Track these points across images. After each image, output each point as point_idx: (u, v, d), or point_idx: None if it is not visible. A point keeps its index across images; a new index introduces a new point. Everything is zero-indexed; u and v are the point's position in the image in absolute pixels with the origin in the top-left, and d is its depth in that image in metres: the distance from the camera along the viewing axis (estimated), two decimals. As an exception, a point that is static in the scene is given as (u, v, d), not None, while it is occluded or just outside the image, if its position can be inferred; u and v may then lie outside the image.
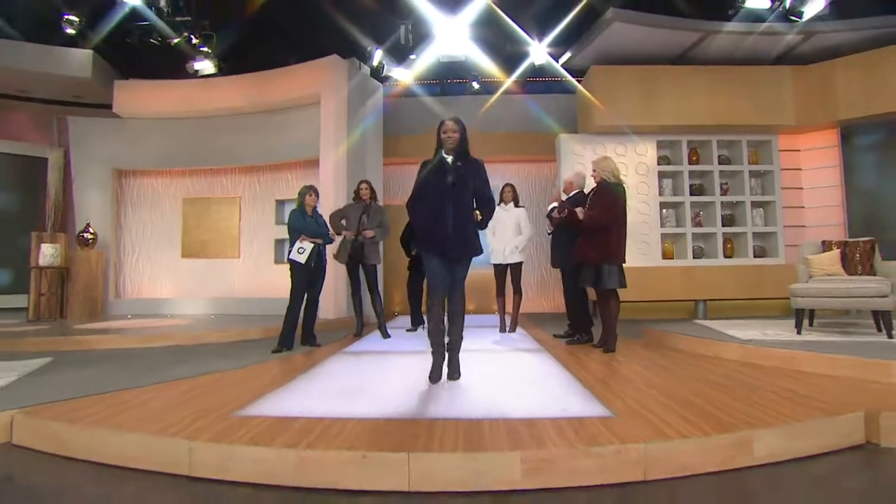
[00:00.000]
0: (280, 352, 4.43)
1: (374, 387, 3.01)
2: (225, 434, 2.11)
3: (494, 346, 4.69)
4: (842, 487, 1.91)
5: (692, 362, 3.66)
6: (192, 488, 1.93)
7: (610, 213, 4.01)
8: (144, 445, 2.08)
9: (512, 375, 3.29)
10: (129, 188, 8.25)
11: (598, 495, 1.82)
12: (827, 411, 2.27)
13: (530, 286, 8.60)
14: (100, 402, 2.65)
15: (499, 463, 1.84)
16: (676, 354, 4.03)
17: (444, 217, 2.95)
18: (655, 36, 6.42)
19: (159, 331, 5.45)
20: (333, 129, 7.00)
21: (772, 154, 6.98)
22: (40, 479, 2.04)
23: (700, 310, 6.81)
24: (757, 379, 3.02)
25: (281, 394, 2.85)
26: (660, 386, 2.89)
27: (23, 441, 2.31)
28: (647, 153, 7.11)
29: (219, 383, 3.17)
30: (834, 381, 2.93)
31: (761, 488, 1.90)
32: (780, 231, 6.88)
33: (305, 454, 1.91)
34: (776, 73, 6.75)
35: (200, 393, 2.89)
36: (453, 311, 3.10)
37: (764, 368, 3.33)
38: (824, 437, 2.14)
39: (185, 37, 6.55)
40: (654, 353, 4.13)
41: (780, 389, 2.73)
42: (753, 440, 2.03)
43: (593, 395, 2.69)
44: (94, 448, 2.14)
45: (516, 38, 7.49)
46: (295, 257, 4.62)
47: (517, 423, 2.21)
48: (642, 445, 1.92)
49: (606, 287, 4.02)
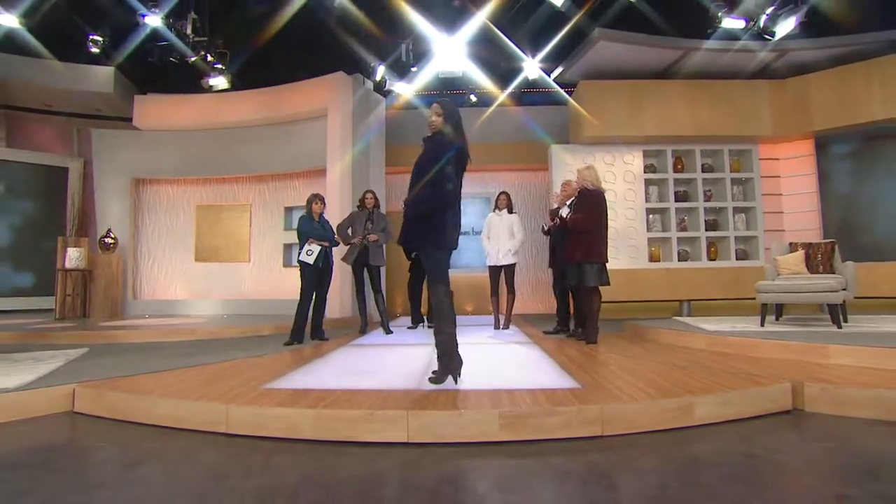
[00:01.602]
0: (291, 344, 4.85)
1: (378, 370, 3.43)
2: (255, 400, 2.54)
3: (488, 339, 5.09)
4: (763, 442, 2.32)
5: (662, 350, 4.07)
6: (230, 442, 2.36)
7: (591, 218, 4.43)
8: (189, 409, 2.51)
9: (501, 361, 3.71)
10: (147, 196, 8.72)
11: (563, 446, 2.24)
12: (761, 383, 2.69)
13: (525, 288, 9.00)
14: (144, 378, 3.09)
15: (480, 418, 2.27)
16: (651, 345, 4.44)
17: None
18: (639, 53, 6.88)
19: (180, 326, 5.88)
20: (339, 141, 7.46)
21: (752, 162, 7.40)
22: (104, 438, 2.47)
23: (685, 309, 7.20)
24: (715, 362, 3.44)
25: (297, 374, 3.28)
26: (626, 367, 3.31)
27: (84, 409, 2.75)
28: (634, 162, 7.53)
29: (240, 367, 3.59)
30: (781, 363, 3.35)
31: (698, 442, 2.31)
32: (760, 235, 7.29)
33: (323, 412, 2.34)
34: (754, 87, 7.21)
35: (227, 374, 3.31)
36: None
37: (725, 355, 3.75)
38: (754, 403, 2.55)
39: (201, 55, 7.04)
40: (632, 344, 4.55)
41: (732, 369, 3.15)
42: (694, 405, 2.45)
43: (567, 372, 3.12)
44: (146, 412, 2.57)
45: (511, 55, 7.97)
46: (304, 258, 5.06)
47: (500, 392, 2.64)
48: (599, 406, 2.34)
49: (588, 284, 4.44)
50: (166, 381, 3.07)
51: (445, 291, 2.83)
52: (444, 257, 2.88)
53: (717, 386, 2.65)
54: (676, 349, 4.15)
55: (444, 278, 2.86)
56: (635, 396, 2.49)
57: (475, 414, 2.28)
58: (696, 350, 4.05)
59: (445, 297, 2.83)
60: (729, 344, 3.88)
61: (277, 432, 2.36)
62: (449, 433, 2.26)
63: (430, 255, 2.87)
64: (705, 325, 4.69)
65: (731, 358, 3.60)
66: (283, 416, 2.38)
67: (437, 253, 2.86)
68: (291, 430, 2.35)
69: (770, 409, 2.55)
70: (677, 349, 4.15)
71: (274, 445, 2.30)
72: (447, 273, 2.89)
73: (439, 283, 2.84)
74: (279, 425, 2.37)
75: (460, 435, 2.25)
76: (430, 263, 2.89)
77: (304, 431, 2.34)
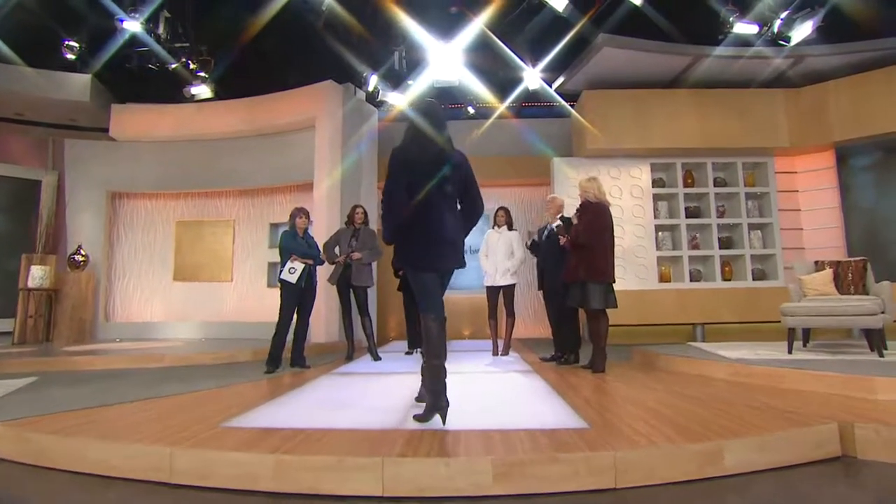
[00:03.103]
0: (271, 372, 4.58)
1: (357, 402, 3.13)
2: (207, 442, 2.23)
3: (486, 368, 4.79)
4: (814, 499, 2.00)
5: (677, 381, 3.76)
6: (173, 495, 2.04)
7: (592, 231, 4.17)
8: (125, 453, 2.20)
9: (497, 394, 3.40)
10: (123, 211, 8.49)
11: (569, 501, 1.93)
12: (799, 423, 2.38)
13: (525, 310, 8.71)
14: (82, 416, 2.77)
15: (470, 467, 1.96)
16: (664, 374, 4.13)
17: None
18: (646, 60, 6.73)
19: (148, 352, 5.57)
20: (328, 153, 7.25)
21: (768, 176, 7.19)
22: (22, 490, 2.15)
23: (698, 333, 6.90)
24: (737, 395, 3.13)
25: (267, 408, 2.97)
26: (638, 401, 3.01)
27: (4, 453, 2.43)
28: (642, 176, 7.33)
29: (205, 399, 3.28)
30: (815, 397, 3.04)
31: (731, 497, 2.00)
32: (778, 253, 7.03)
33: (284, 458, 2.03)
34: (768, 96, 7.04)
35: (186, 407, 3.01)
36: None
37: (747, 386, 3.44)
38: (796, 449, 2.24)
39: (182, 62, 6.88)
40: (642, 373, 4.24)
41: (760, 404, 2.84)
42: (724, 450, 2.14)
43: (572, 408, 2.81)
44: (75, 457, 2.26)
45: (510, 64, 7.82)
46: (286, 277, 4.83)
47: (493, 434, 2.33)
48: (612, 453, 2.03)
49: (592, 306, 4.16)
50: (111, 417, 2.77)
51: (434, 318, 2.56)
52: (428, 279, 2.61)
53: (747, 426, 2.35)
54: (692, 379, 3.84)
55: (431, 302, 2.60)
56: (653, 439, 2.19)
57: (464, 462, 1.97)
58: (714, 380, 3.74)
59: (433, 324, 2.56)
60: (753, 374, 3.58)
61: (230, 482, 2.05)
62: (432, 485, 1.95)
63: (412, 277, 2.65)
64: (724, 352, 4.38)
65: (757, 390, 3.29)
66: (237, 463, 2.07)
67: (419, 274, 2.62)
68: (247, 479, 2.04)
69: (815, 456, 2.24)
70: (693, 379, 3.84)
71: (225, 499, 1.99)
72: (434, 297, 2.62)
73: (425, 309, 2.60)
74: (232, 473, 2.06)
75: (446, 487, 1.94)
76: (415, 285, 2.66)
77: (261, 481, 2.03)
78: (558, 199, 5.21)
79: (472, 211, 2.75)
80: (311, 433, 2.37)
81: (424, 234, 2.57)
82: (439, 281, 2.67)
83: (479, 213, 2.77)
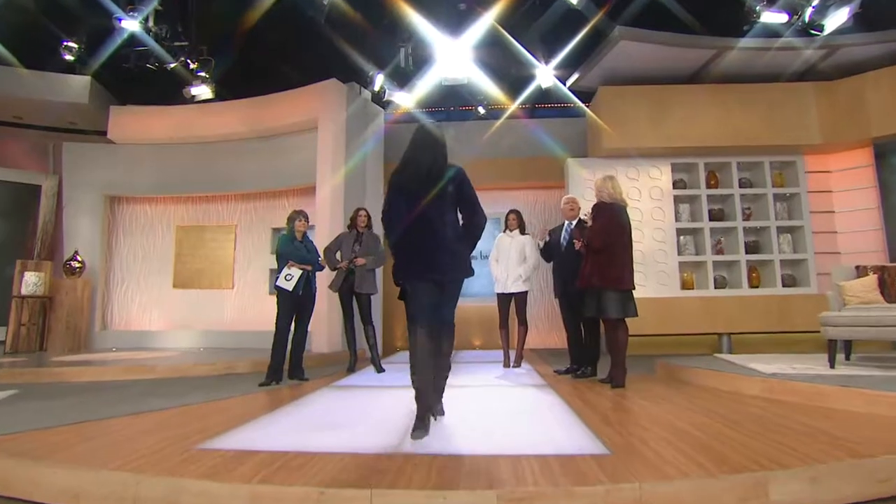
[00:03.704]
0: (268, 385, 4.41)
1: (352, 421, 2.90)
2: (178, 468, 2.02)
3: (496, 381, 4.55)
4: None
5: (706, 397, 3.48)
6: (133, 528, 1.83)
7: (606, 233, 3.93)
8: (89, 481, 2.00)
9: (507, 411, 3.15)
10: (122, 215, 8.40)
11: (586, 543, 1.68)
12: (857, 453, 2.10)
13: (539, 319, 8.45)
14: (53, 435, 2.58)
15: (471, 502, 1.72)
16: (690, 389, 3.84)
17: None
18: (665, 54, 6.47)
19: (139, 362, 5.40)
20: (331, 155, 7.08)
21: (798, 175, 6.87)
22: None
23: (724, 344, 6.58)
24: (778, 416, 2.85)
25: (252, 426, 2.76)
26: (665, 422, 2.74)
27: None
28: (662, 177, 7.06)
29: (188, 416, 3.09)
30: (867, 419, 2.74)
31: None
32: (810, 258, 6.69)
33: (258, 489, 1.81)
34: (798, 91, 6.72)
35: (166, 425, 2.81)
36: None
37: (788, 405, 3.14)
38: (853, 483, 1.96)
39: (182, 62, 6.78)
40: (667, 388, 3.96)
41: (804, 427, 2.55)
42: (768, 483, 1.87)
43: (590, 430, 2.55)
44: (31, 483, 2.06)
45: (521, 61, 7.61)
46: (282, 284, 4.65)
47: (500, 460, 2.09)
48: (636, 485, 1.78)
49: (608, 315, 3.91)
50: (85, 436, 2.57)
51: (420, 331, 2.64)
52: (418, 289, 2.70)
53: (794, 454, 2.08)
54: (723, 395, 3.55)
55: (419, 314, 2.67)
56: (683, 468, 1.93)
57: (465, 498, 1.73)
58: (748, 397, 3.44)
59: (419, 337, 2.63)
60: (792, 391, 3.27)
61: (199, 514, 1.84)
62: (427, 523, 1.71)
63: (403, 288, 2.79)
64: (756, 365, 4.07)
65: (797, 410, 3.00)
66: (205, 493, 1.86)
67: (408, 283, 2.75)
68: (217, 512, 1.82)
69: (878, 494, 1.95)
70: (724, 395, 3.55)
71: (192, 534, 1.78)
72: (422, 308, 2.68)
73: (410, 318, 2.72)
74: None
75: (443, 526, 1.71)
76: (407, 295, 2.76)
77: (233, 514, 1.81)
78: (575, 200, 4.96)
79: (471, 223, 2.84)
80: (294, 457, 2.15)
81: (414, 246, 2.71)
82: (436, 290, 2.71)
83: (479, 224, 2.85)
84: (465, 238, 2.82)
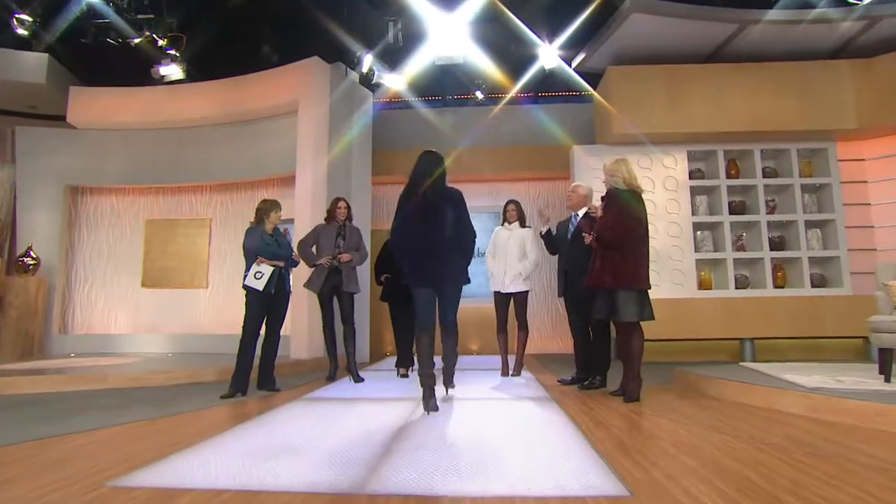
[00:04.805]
0: (231, 397, 4.07)
1: (316, 444, 2.51)
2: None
3: (491, 393, 4.16)
4: None
5: (737, 415, 3.09)
6: None
7: (619, 225, 3.57)
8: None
9: (503, 433, 2.75)
10: (85, 208, 8.01)
11: None
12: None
13: (541, 321, 8.10)
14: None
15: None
16: (716, 405, 3.45)
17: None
18: (682, 29, 6.09)
19: (90, 371, 5.00)
20: (313, 141, 6.69)
21: (829, 164, 6.51)
22: None
23: (747, 351, 6.20)
24: (832, 442, 2.45)
25: (190, 453, 2.36)
26: (693, 448, 2.34)
27: None
28: (677, 166, 6.72)
29: (120, 439, 2.69)
30: (940, 445, 2.35)
31: None
32: (843, 255, 6.31)
33: (161, 553, 1.41)
34: (831, 70, 6.33)
35: (86, 452, 2.41)
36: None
37: (840, 428, 2.74)
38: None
39: (147, 37, 6.37)
40: (690, 403, 3.56)
41: (872, 460, 2.15)
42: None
43: (603, 459, 2.15)
44: None
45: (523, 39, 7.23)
46: (251, 283, 4.34)
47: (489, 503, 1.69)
48: (669, 546, 1.38)
49: (622, 319, 3.54)
50: (-22, 466, 2.17)
51: (418, 334, 3.36)
52: (417, 293, 3.36)
53: (863, 496, 1.68)
54: (755, 413, 3.16)
55: (418, 314, 3.36)
56: (728, 519, 1.53)
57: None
58: (788, 416, 3.04)
59: (417, 340, 3.36)
60: (845, 411, 2.86)
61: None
62: None
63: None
64: (793, 377, 3.67)
65: (853, 434, 2.60)
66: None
67: (411, 288, 3.39)
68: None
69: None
70: (756, 413, 3.15)
71: None
72: (424, 306, 3.34)
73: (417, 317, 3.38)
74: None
75: None
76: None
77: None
78: (582, 188, 4.57)
79: (463, 237, 3.41)
80: (229, 498, 1.76)
81: (418, 257, 3.34)
82: (434, 294, 3.35)
83: (468, 238, 3.45)
84: (459, 251, 3.40)
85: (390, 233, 3.43)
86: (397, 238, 3.39)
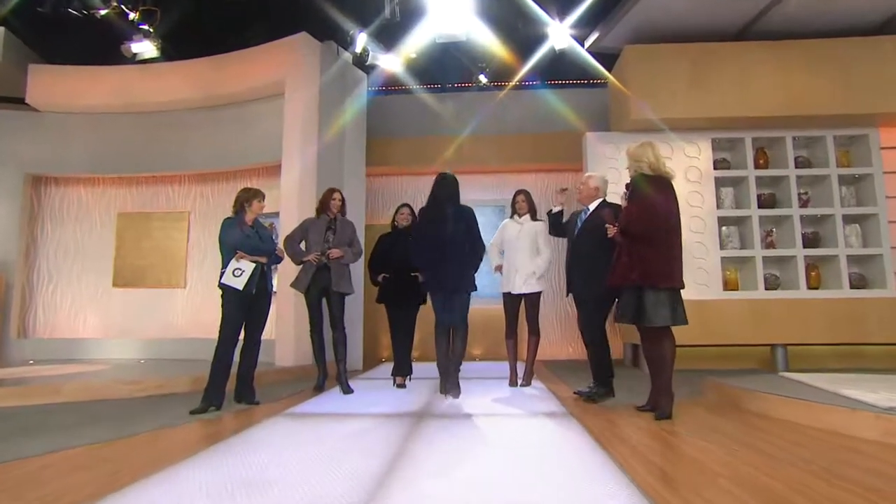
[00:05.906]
0: (203, 412, 3.72)
1: (291, 475, 2.15)
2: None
3: (498, 407, 3.83)
4: None
5: (790, 437, 2.75)
6: None
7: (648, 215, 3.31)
8: None
9: (512, 459, 2.40)
10: (49, 200, 7.69)
11: None
12: None
13: (550, 324, 7.79)
14: None
15: None
16: (766, 424, 3.10)
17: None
18: (709, 3, 5.80)
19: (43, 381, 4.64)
20: (301, 127, 6.35)
21: (870, 153, 6.21)
22: None
23: (779, 358, 5.89)
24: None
25: (136, 490, 1.99)
26: (744, 480, 2.00)
27: None
28: (700, 155, 6.47)
29: (52, 470, 2.32)
30: None
31: None
32: (886, 253, 6.02)
33: None
34: (874, 47, 6.01)
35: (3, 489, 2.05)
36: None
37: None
38: None
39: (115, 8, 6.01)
40: (728, 420, 3.23)
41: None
42: None
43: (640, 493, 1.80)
44: None
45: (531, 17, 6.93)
46: (229, 281, 4.07)
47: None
48: None
49: (652, 323, 3.22)
50: None
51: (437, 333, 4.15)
52: (436, 297, 4.17)
53: None
54: (811, 435, 2.81)
55: (439, 312, 4.15)
56: None
57: None
58: (855, 441, 2.69)
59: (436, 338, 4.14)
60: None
61: None
62: None
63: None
64: (847, 391, 3.32)
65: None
66: None
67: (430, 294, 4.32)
68: None
69: None
70: (812, 435, 2.81)
71: None
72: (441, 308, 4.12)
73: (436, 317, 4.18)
74: None
75: None
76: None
77: None
78: (594, 180, 4.21)
79: (473, 250, 4.12)
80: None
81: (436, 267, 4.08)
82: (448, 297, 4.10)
83: (478, 252, 4.15)
84: (469, 262, 4.11)
85: (411, 246, 4.36)
86: (421, 252, 4.19)
